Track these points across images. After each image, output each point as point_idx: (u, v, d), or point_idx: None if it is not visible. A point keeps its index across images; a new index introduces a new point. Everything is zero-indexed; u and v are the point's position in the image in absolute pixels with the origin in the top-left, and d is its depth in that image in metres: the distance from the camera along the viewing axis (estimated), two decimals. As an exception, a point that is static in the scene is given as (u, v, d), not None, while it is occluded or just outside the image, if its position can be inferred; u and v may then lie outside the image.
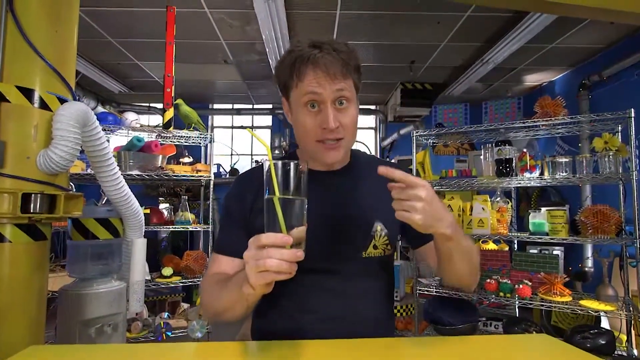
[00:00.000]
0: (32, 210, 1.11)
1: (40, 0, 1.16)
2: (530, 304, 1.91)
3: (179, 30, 3.06)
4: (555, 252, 3.26)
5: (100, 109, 4.41)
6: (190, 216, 2.51)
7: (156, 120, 5.33)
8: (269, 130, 5.61)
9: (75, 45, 1.29)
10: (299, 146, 0.92)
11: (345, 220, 0.85)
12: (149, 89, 4.74)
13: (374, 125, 5.74)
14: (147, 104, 5.13)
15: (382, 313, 0.87)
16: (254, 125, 5.74)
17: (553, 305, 1.87)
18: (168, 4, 2.38)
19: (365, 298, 0.85)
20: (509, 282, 1.98)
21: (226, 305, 0.72)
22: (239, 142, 5.76)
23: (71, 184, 2.87)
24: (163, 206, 4.63)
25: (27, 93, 1.12)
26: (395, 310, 2.87)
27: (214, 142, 2.54)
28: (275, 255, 0.58)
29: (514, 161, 2.03)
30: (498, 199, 2.21)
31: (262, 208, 0.89)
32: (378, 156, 5.26)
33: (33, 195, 1.11)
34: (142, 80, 4.43)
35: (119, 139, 2.51)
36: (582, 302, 1.88)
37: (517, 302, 2.22)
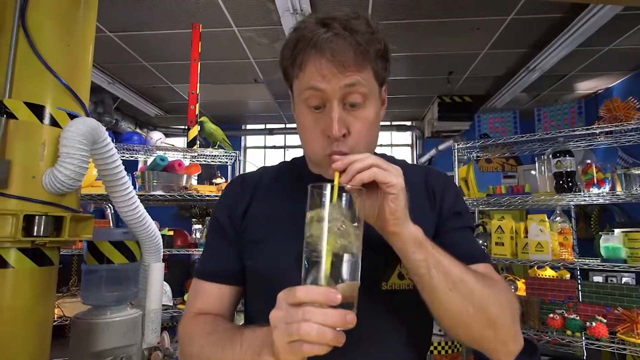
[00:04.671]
0: (35, 234, 1.03)
1: (53, 13, 1.11)
2: (608, 346, 1.59)
3: (209, 51, 3.08)
4: (624, 280, 2.84)
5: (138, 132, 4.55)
6: (215, 238, 2.40)
7: (191, 142, 5.43)
8: (301, 150, 5.54)
9: (90, 60, 1.24)
10: None
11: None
12: (184, 112, 4.83)
13: (410, 142, 5.51)
14: (183, 127, 5.25)
15: None
16: (287, 145, 5.69)
17: (638, 350, 1.53)
18: (195, 22, 2.37)
19: (387, 343, 0.64)
20: (578, 317, 1.67)
21: None
22: (271, 162, 5.74)
23: (109, 205, 2.89)
24: (196, 227, 4.63)
25: (37, 109, 1.07)
26: (440, 347, 2.58)
27: (240, 160, 2.46)
28: (315, 317, 0.41)
29: (576, 174, 1.75)
30: (558, 218, 1.91)
31: (256, 216, 0.71)
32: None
33: (37, 217, 1.03)
34: (176, 103, 4.53)
35: (150, 159, 2.49)
36: (677, 346, 1.53)
37: (584, 343, 1.87)
